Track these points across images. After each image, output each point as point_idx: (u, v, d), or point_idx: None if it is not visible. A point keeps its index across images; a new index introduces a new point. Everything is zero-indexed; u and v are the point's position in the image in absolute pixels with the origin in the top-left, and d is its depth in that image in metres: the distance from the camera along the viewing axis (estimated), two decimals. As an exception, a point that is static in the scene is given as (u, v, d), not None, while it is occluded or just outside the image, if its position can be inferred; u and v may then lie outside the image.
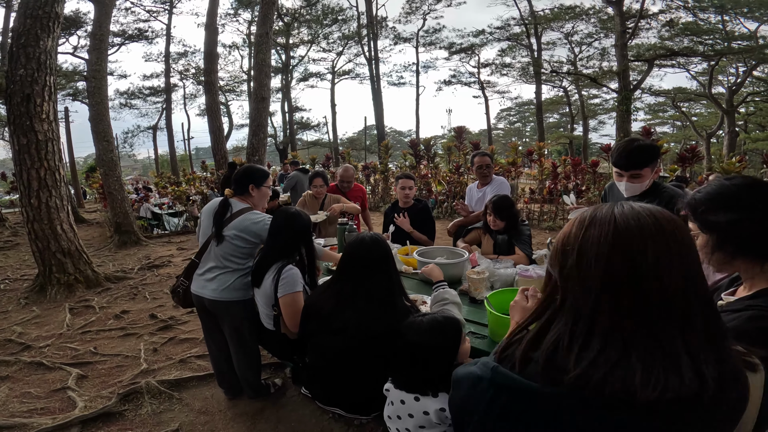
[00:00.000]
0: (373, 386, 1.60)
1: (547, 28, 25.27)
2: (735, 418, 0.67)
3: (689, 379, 0.60)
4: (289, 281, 1.98)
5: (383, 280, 1.64)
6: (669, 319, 0.63)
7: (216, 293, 2.24)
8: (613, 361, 0.62)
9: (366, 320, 1.60)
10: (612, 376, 0.61)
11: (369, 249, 1.66)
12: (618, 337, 0.63)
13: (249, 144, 6.23)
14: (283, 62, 27.34)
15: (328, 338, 1.68)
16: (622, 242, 0.64)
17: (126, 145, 30.37)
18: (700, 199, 1.07)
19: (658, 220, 0.66)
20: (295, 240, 2.12)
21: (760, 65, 20.27)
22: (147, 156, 49.54)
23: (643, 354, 0.61)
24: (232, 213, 2.25)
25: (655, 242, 0.64)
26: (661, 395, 0.59)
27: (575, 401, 0.63)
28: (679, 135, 33.24)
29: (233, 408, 2.53)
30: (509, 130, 45.68)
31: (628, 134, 16.09)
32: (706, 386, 0.60)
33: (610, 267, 0.64)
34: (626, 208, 0.68)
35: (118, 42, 23.39)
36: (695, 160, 7.79)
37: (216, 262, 2.27)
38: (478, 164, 3.63)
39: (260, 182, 2.35)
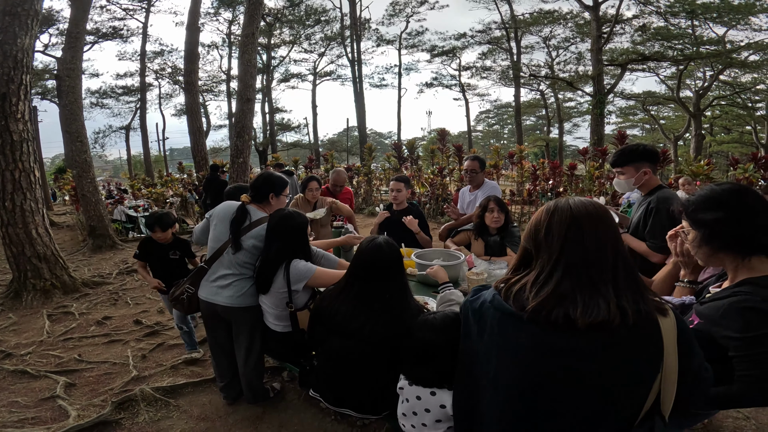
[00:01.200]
0: (385, 386, 1.63)
1: (527, 32, 25.89)
2: (653, 350, 0.92)
3: (614, 310, 0.91)
4: (300, 272, 2.05)
5: (398, 283, 1.68)
6: (602, 271, 0.96)
7: (232, 300, 2.23)
8: (561, 298, 0.95)
9: (379, 322, 1.62)
10: (557, 309, 0.94)
11: (385, 253, 1.69)
12: (567, 283, 0.96)
13: (233, 146, 6.13)
14: (264, 63, 27.00)
15: (341, 342, 1.69)
16: (575, 222, 0.99)
17: (97, 146, 29.40)
18: (693, 201, 1.26)
19: (595, 208, 1.01)
20: (293, 240, 2.13)
21: (726, 69, 21.25)
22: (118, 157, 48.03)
23: (584, 293, 0.94)
24: (251, 221, 2.25)
25: (593, 221, 0.99)
26: (593, 320, 0.90)
27: (534, 320, 0.97)
28: (648, 138, 34.56)
29: (233, 414, 2.50)
30: (488, 132, 46.43)
31: (601, 137, 16.64)
32: (626, 317, 0.90)
33: (567, 238, 0.99)
34: (576, 200, 1.03)
35: (92, 40, 22.60)
36: (665, 163, 8.14)
37: (232, 270, 2.25)
38: (465, 168, 3.71)
39: (280, 191, 2.37)
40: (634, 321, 0.91)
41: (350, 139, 33.20)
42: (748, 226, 1.15)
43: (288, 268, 2.06)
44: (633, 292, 0.95)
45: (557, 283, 0.97)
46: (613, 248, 0.97)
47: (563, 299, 0.95)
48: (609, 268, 0.96)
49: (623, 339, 0.92)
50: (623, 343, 0.93)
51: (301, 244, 2.17)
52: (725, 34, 20.45)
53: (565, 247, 0.99)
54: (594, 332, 0.92)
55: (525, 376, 1.02)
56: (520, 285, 1.03)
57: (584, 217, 0.99)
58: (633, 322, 0.91)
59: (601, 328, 0.91)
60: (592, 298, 0.93)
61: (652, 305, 0.95)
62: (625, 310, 0.91)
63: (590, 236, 0.97)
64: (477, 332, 1.11)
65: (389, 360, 1.62)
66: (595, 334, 0.93)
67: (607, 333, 0.92)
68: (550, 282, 0.98)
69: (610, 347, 0.93)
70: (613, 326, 0.91)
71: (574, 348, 0.95)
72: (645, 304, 0.94)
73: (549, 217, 1.04)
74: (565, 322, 0.93)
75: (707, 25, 20.01)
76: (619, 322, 0.90)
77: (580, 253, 0.97)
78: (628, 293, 0.94)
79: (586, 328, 0.92)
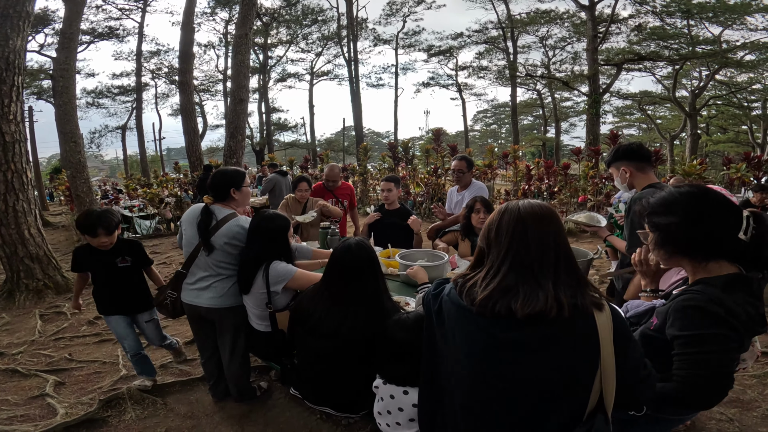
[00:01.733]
0: (362, 386, 1.66)
1: (523, 32, 25.95)
2: (589, 344, 0.97)
3: (551, 302, 0.96)
4: (280, 274, 2.07)
5: (371, 283, 1.70)
6: (543, 266, 1.02)
7: (213, 301, 2.23)
8: (506, 292, 1.01)
9: (354, 323, 1.65)
10: (501, 301, 1.00)
11: (355, 254, 1.71)
12: (512, 277, 1.02)
13: (226, 146, 6.15)
14: (260, 62, 27.00)
15: (317, 341, 1.73)
16: (521, 221, 1.05)
17: (93, 146, 29.35)
18: (652, 203, 1.24)
19: (541, 209, 1.07)
20: (273, 242, 2.15)
21: (722, 69, 21.27)
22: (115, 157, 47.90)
23: (526, 287, 1.00)
24: (217, 221, 2.21)
25: (538, 221, 1.05)
26: (530, 310, 0.96)
27: (481, 314, 1.02)
28: (645, 137, 34.66)
29: (220, 412, 2.53)
30: (485, 132, 46.49)
31: (597, 137, 16.71)
32: (562, 309, 0.96)
33: (513, 236, 1.05)
34: (525, 203, 1.09)
35: (87, 40, 22.59)
36: (658, 162, 8.18)
37: (209, 271, 2.25)
38: (453, 168, 3.74)
39: (240, 183, 2.30)
40: (569, 314, 0.96)
41: (347, 138, 33.21)
42: (700, 232, 1.13)
43: (267, 269, 2.08)
44: (572, 287, 1.00)
45: (503, 277, 1.03)
46: (555, 246, 1.03)
47: (507, 292, 1.01)
48: (551, 264, 1.02)
49: (560, 332, 0.97)
50: (560, 336, 0.98)
51: (282, 246, 2.18)
52: (721, 34, 20.47)
53: (512, 245, 1.05)
54: (533, 325, 0.98)
55: (476, 370, 1.05)
56: (473, 281, 1.09)
57: (530, 217, 1.05)
58: (569, 314, 0.96)
59: (538, 319, 0.97)
60: (533, 291, 0.99)
61: (588, 300, 0.99)
62: (562, 302, 0.96)
63: (534, 234, 1.03)
64: (436, 324, 1.15)
65: (365, 360, 1.65)
66: (535, 327, 0.98)
67: (545, 325, 0.97)
68: (497, 276, 1.04)
69: (548, 340, 0.98)
70: (550, 318, 0.96)
71: (516, 341, 1.00)
72: (582, 299, 0.98)
73: (500, 217, 1.10)
74: (507, 313, 0.99)
75: (703, 24, 20.04)
76: (556, 314, 0.96)
77: (524, 249, 1.03)
78: (566, 287, 0.99)
79: (525, 319, 0.97)
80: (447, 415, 1.16)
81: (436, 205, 3.67)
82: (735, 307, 1.05)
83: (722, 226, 1.12)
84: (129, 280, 2.60)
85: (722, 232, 1.11)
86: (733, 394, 2.64)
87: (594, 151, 9.18)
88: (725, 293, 1.07)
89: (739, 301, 1.07)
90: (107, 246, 2.50)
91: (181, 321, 3.64)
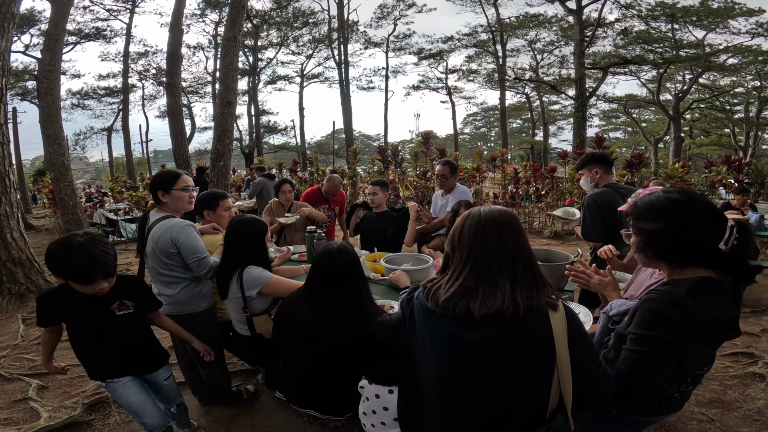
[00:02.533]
0: (346, 388, 1.68)
1: (513, 36, 26.23)
2: (544, 343, 1.01)
3: (507, 302, 1.01)
4: (253, 279, 2.06)
5: (351, 289, 1.72)
6: (502, 268, 1.06)
7: (165, 309, 2.13)
8: (466, 293, 1.06)
9: (336, 327, 1.67)
10: (461, 302, 1.05)
11: (335, 259, 1.72)
12: (473, 279, 1.07)
13: (213, 149, 6.11)
14: (250, 64, 26.86)
15: (300, 345, 1.74)
16: (481, 226, 1.11)
17: (77, 148, 28.84)
18: (638, 205, 1.23)
19: (501, 214, 1.13)
20: (248, 246, 2.14)
21: (705, 73, 21.74)
22: (100, 159, 47.23)
23: (485, 288, 1.05)
24: (149, 226, 2.14)
25: (497, 225, 1.10)
26: (487, 310, 1.01)
27: (444, 315, 1.08)
28: (630, 141, 35.27)
29: (206, 415, 2.52)
30: (475, 135, 46.84)
31: (583, 140, 16.93)
32: (518, 309, 1.00)
33: (474, 240, 1.10)
34: (487, 208, 1.15)
35: (74, 41, 22.21)
36: (641, 166, 8.35)
37: (155, 279, 2.18)
38: (436, 172, 3.75)
39: (168, 186, 2.14)
40: (525, 313, 1.01)
41: (337, 141, 33.20)
42: (682, 241, 1.12)
43: (242, 274, 2.07)
44: (529, 287, 1.05)
45: (464, 279, 1.08)
46: (513, 248, 1.08)
47: (467, 293, 1.06)
48: (509, 265, 1.07)
49: (516, 331, 1.02)
50: (516, 335, 1.03)
51: (257, 251, 2.17)
52: (704, 38, 20.88)
53: (472, 248, 1.10)
54: (490, 325, 1.03)
55: (442, 370, 1.09)
56: (438, 284, 1.14)
57: (489, 222, 1.11)
58: (524, 314, 1.00)
59: (496, 319, 1.01)
60: (491, 291, 1.04)
61: (544, 300, 1.04)
62: (518, 302, 1.01)
63: (494, 238, 1.09)
64: (410, 327, 1.18)
65: (348, 363, 1.67)
66: (492, 327, 1.03)
67: (502, 325, 1.02)
68: (459, 279, 1.09)
69: (505, 339, 1.03)
70: (507, 317, 1.00)
71: (476, 340, 1.05)
72: (538, 299, 1.03)
73: (463, 223, 1.16)
74: (467, 313, 1.04)
75: (687, 28, 20.45)
76: (512, 314, 1.00)
77: (484, 252, 1.09)
78: (523, 288, 1.04)
79: (483, 319, 1.02)
80: (425, 414, 1.19)
81: (422, 209, 3.70)
82: (695, 311, 1.05)
83: (704, 236, 1.11)
84: (131, 329, 1.83)
85: (703, 241, 1.11)
86: (714, 394, 2.68)
87: (579, 154, 9.32)
88: (689, 295, 1.07)
89: (703, 305, 1.06)
90: (105, 291, 1.69)
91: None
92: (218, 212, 2.57)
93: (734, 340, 3.36)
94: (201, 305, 2.22)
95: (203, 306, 2.23)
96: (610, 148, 8.58)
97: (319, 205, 4.11)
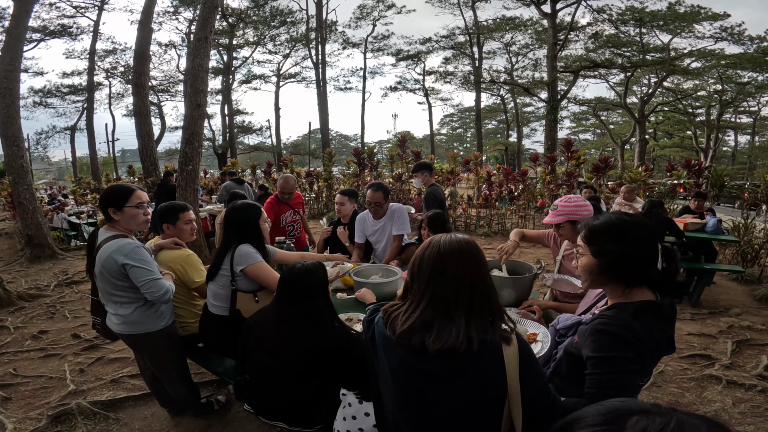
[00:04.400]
0: (310, 401, 1.71)
1: (489, 38, 26.73)
2: (496, 376, 1.03)
3: (462, 338, 1.02)
4: (242, 255, 2.15)
5: (313, 306, 1.74)
6: (458, 303, 1.06)
7: (120, 327, 2.07)
8: (422, 326, 1.07)
9: (299, 342, 1.70)
10: (417, 335, 1.06)
11: (297, 279, 1.75)
12: (429, 312, 1.08)
13: (182, 153, 5.92)
14: (224, 63, 26.35)
15: (264, 358, 1.77)
16: (440, 258, 1.10)
17: (39, 147, 27.64)
18: (601, 228, 1.21)
19: (461, 244, 1.12)
20: (242, 230, 2.24)
21: (669, 76, 22.74)
22: (63, 158, 45.25)
23: (440, 322, 1.06)
24: (97, 245, 2.01)
25: (456, 258, 1.09)
26: (441, 346, 1.02)
27: (400, 345, 1.10)
28: (598, 142, 36.50)
29: (176, 427, 2.48)
30: (452, 136, 47.44)
31: (555, 142, 17.42)
32: (472, 344, 1.02)
33: (433, 271, 1.09)
34: (447, 238, 1.13)
35: (38, 38, 21.24)
36: (608, 169, 8.67)
37: (107, 298, 2.08)
38: (368, 199, 3.27)
39: (120, 203, 1.99)
40: (479, 348, 1.02)
41: (314, 141, 32.95)
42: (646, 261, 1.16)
43: (234, 250, 2.18)
44: (484, 321, 1.06)
45: (421, 312, 1.08)
46: (471, 282, 1.08)
47: (424, 327, 1.07)
48: (466, 300, 1.07)
49: (469, 364, 1.04)
50: (470, 369, 1.04)
51: (252, 235, 2.25)
52: (670, 42, 21.87)
53: (431, 280, 1.09)
54: (444, 358, 1.03)
55: (399, 394, 1.13)
56: (397, 312, 1.14)
57: (448, 254, 1.10)
58: (477, 349, 1.02)
59: (450, 353, 1.02)
60: (446, 326, 1.05)
61: (499, 335, 1.05)
62: (472, 338, 1.02)
63: (452, 271, 1.08)
64: (372, 348, 1.21)
65: (313, 376, 1.70)
66: (446, 360, 1.04)
67: (456, 358, 1.03)
68: (416, 311, 1.09)
69: (458, 372, 1.05)
70: (460, 352, 1.02)
71: (430, 371, 1.06)
72: (492, 333, 1.05)
73: (422, 252, 1.14)
74: (422, 347, 1.05)
75: (654, 32, 21.40)
76: (465, 349, 1.01)
77: (441, 285, 1.08)
78: (479, 323, 1.05)
79: (436, 353, 1.03)
80: (393, 426, 1.23)
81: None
82: (642, 332, 1.10)
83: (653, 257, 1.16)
84: None
85: (652, 262, 1.16)
86: (672, 397, 2.80)
87: (550, 158, 9.60)
88: (635, 319, 1.12)
89: (647, 327, 1.12)
90: None
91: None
92: (179, 226, 2.41)
93: (692, 341, 3.59)
94: (158, 324, 2.11)
95: (161, 325, 2.12)
96: (578, 153, 8.87)
97: (284, 212, 3.97)
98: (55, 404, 2.73)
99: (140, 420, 2.57)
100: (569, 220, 2.26)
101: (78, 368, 3.25)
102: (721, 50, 21.10)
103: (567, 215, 2.28)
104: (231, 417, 2.58)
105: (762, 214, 6.29)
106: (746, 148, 32.83)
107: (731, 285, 5.27)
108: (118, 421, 2.56)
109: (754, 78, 23.00)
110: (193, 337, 2.43)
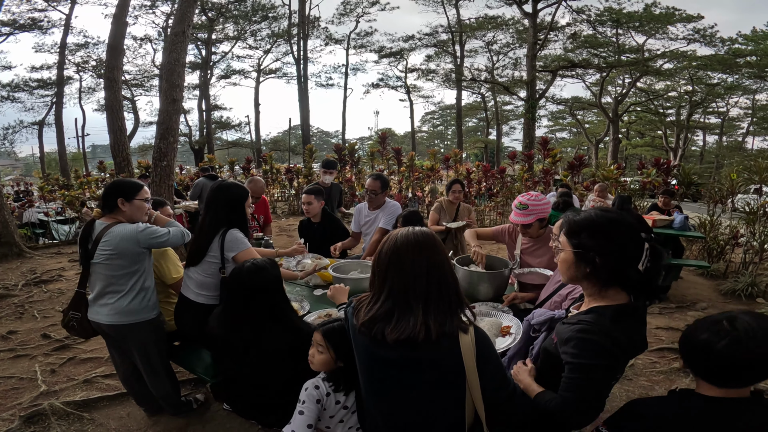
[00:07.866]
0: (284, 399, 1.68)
1: (471, 37, 26.95)
2: (453, 364, 1.07)
3: (419, 327, 1.05)
4: (234, 240, 2.09)
5: (272, 302, 1.74)
6: (416, 293, 1.10)
7: (111, 318, 2.08)
8: (383, 316, 1.10)
9: (267, 339, 1.70)
10: (378, 325, 1.10)
11: (243, 279, 1.73)
12: (390, 303, 1.12)
13: (156, 148, 5.78)
14: (203, 58, 25.77)
15: (230, 359, 1.77)
16: (396, 251, 1.14)
17: (6, 143, 26.53)
18: (582, 224, 1.20)
19: (417, 236, 1.15)
20: (229, 211, 2.15)
21: (643, 77, 23.43)
22: (31, 154, 43.45)
23: (400, 313, 1.09)
24: (96, 234, 2.05)
25: (412, 251, 1.12)
26: (399, 336, 1.06)
27: (363, 334, 1.14)
28: (574, 141, 37.38)
29: (154, 426, 2.45)
30: (433, 133, 47.76)
31: (532, 140, 17.79)
32: (430, 333, 1.05)
33: (390, 265, 1.13)
34: (405, 232, 1.17)
35: (7, 32, 20.37)
36: (582, 167, 8.93)
37: (102, 288, 2.10)
38: (366, 187, 3.41)
39: (131, 195, 2.10)
40: (436, 337, 1.05)
41: (294, 137, 32.63)
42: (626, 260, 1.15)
43: (224, 235, 2.08)
44: (441, 312, 1.09)
45: (382, 303, 1.13)
46: (428, 272, 1.11)
47: (384, 317, 1.11)
48: (423, 291, 1.10)
49: (427, 353, 1.08)
50: (427, 357, 1.08)
51: (237, 217, 2.18)
52: (644, 43, 22.52)
53: (388, 273, 1.14)
54: (403, 347, 1.07)
55: (368, 383, 1.19)
56: (362, 304, 1.19)
57: (404, 246, 1.13)
58: (435, 338, 1.05)
59: (408, 343, 1.06)
60: (405, 316, 1.08)
61: (456, 323, 1.09)
62: (429, 327, 1.06)
63: (408, 264, 1.12)
64: (352, 339, 1.25)
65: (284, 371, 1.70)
66: (405, 349, 1.08)
67: (414, 347, 1.07)
68: (377, 303, 1.14)
69: (417, 361, 1.09)
70: (418, 342, 1.06)
71: (391, 360, 1.11)
72: (450, 323, 1.08)
73: (381, 247, 1.19)
74: (382, 337, 1.09)
75: (629, 33, 22.02)
76: (423, 338, 1.05)
77: (399, 277, 1.12)
78: (437, 312, 1.09)
79: (394, 343, 1.07)
80: (370, 415, 1.26)
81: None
82: (620, 336, 1.12)
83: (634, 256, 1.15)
84: None
85: (634, 261, 1.15)
86: (643, 390, 2.88)
87: (527, 156, 9.81)
88: (613, 323, 1.13)
89: (626, 330, 1.14)
90: None
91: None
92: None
93: (660, 335, 3.74)
94: (150, 314, 2.16)
95: (152, 315, 2.18)
96: (554, 150, 9.10)
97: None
98: (27, 405, 2.67)
99: (116, 420, 2.53)
100: (538, 218, 2.35)
101: (49, 369, 3.17)
102: (693, 52, 21.92)
103: (537, 214, 2.36)
104: (210, 415, 2.56)
105: (727, 211, 6.57)
106: (714, 147, 34.16)
107: (697, 280, 5.48)
108: (93, 422, 2.51)
109: (723, 79, 23.98)
110: (169, 336, 2.39)
